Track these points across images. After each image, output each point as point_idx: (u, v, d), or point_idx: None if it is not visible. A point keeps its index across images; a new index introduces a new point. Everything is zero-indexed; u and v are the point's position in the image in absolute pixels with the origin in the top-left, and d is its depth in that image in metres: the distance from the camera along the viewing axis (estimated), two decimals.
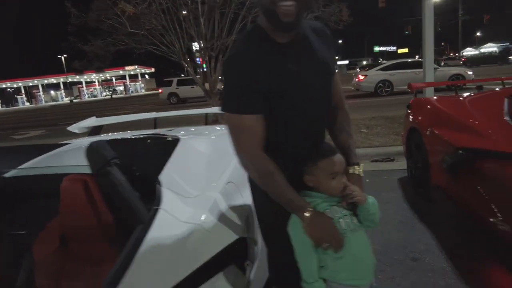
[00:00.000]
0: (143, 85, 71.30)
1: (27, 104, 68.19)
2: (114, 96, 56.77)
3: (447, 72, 13.88)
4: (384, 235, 2.80)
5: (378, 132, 6.01)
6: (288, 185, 1.21)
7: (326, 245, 1.18)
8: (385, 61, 18.96)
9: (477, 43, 54.48)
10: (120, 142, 2.24)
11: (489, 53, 38.29)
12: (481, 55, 37.17)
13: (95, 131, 3.17)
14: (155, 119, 3.40)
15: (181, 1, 6.96)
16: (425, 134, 3.16)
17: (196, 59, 8.67)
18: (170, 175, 1.60)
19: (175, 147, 1.91)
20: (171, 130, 2.88)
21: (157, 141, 2.22)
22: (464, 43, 55.28)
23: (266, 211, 1.40)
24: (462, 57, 43.77)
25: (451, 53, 51.67)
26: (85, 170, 1.47)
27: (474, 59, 36.08)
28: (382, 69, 14.44)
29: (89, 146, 1.40)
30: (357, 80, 14.87)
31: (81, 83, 68.85)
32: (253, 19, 7.04)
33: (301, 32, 1.25)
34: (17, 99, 70.31)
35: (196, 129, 2.99)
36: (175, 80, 23.07)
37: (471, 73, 13.93)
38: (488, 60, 34.80)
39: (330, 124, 1.43)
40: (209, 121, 3.65)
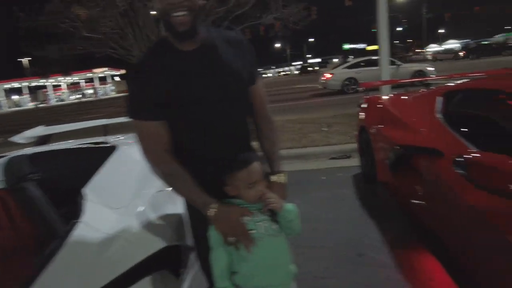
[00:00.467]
0: (113, 88, 69.58)
1: None
2: (83, 99, 54.90)
3: (410, 68, 14.35)
4: (334, 232, 2.88)
5: (337, 130, 6.15)
6: (193, 185, 1.25)
7: (233, 239, 1.21)
8: (350, 59, 19.25)
9: (440, 40, 56.64)
10: (55, 153, 2.19)
11: (490, 44, 34.73)
12: (483, 47, 33.60)
13: (43, 140, 3.08)
14: (104, 126, 3.35)
15: (140, 4, 6.86)
16: (371, 132, 3.28)
17: None
18: (98, 185, 1.60)
19: (110, 155, 1.90)
20: (119, 137, 2.84)
21: (93, 150, 2.19)
22: (429, 40, 57.46)
23: (195, 218, 1.42)
24: (428, 53, 44.32)
25: (417, 50, 53.35)
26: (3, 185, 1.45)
27: (475, 49, 32.77)
28: (348, 67, 14.75)
29: (8, 161, 1.40)
30: (323, 78, 15.13)
31: (46, 87, 66.27)
32: (214, 21, 7.04)
33: (210, 40, 1.27)
34: None
35: None
36: None
37: (433, 69, 14.47)
38: (489, 51, 31.46)
39: (256, 132, 1.45)
40: None
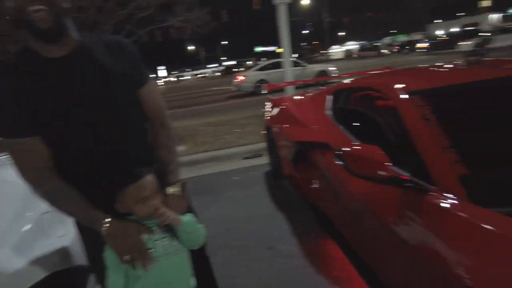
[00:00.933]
0: None
1: None
2: None
3: (314, 69, 15.42)
4: (247, 229, 2.97)
5: (250, 130, 6.33)
6: (79, 202, 1.16)
7: (128, 257, 1.12)
8: (262, 61, 19.94)
9: (341, 42, 61.71)
10: None
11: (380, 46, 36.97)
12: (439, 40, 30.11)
13: None
14: None
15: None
16: (274, 131, 3.46)
17: None
18: None
19: None
20: None
21: None
22: (332, 42, 62.14)
23: (89, 238, 1.29)
24: (330, 54, 47.08)
25: (322, 51, 57.22)
26: None
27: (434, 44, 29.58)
28: (259, 69, 15.37)
29: None
30: (237, 80, 15.51)
31: None
32: (116, 24, 6.68)
33: (85, 45, 1.18)
34: None
35: None
36: None
37: (335, 69, 15.71)
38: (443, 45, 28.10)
39: (152, 139, 1.36)
40: None
